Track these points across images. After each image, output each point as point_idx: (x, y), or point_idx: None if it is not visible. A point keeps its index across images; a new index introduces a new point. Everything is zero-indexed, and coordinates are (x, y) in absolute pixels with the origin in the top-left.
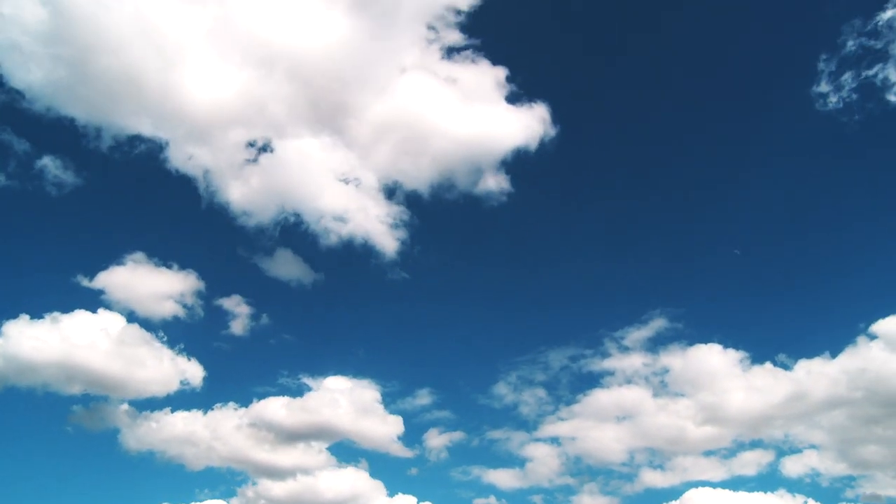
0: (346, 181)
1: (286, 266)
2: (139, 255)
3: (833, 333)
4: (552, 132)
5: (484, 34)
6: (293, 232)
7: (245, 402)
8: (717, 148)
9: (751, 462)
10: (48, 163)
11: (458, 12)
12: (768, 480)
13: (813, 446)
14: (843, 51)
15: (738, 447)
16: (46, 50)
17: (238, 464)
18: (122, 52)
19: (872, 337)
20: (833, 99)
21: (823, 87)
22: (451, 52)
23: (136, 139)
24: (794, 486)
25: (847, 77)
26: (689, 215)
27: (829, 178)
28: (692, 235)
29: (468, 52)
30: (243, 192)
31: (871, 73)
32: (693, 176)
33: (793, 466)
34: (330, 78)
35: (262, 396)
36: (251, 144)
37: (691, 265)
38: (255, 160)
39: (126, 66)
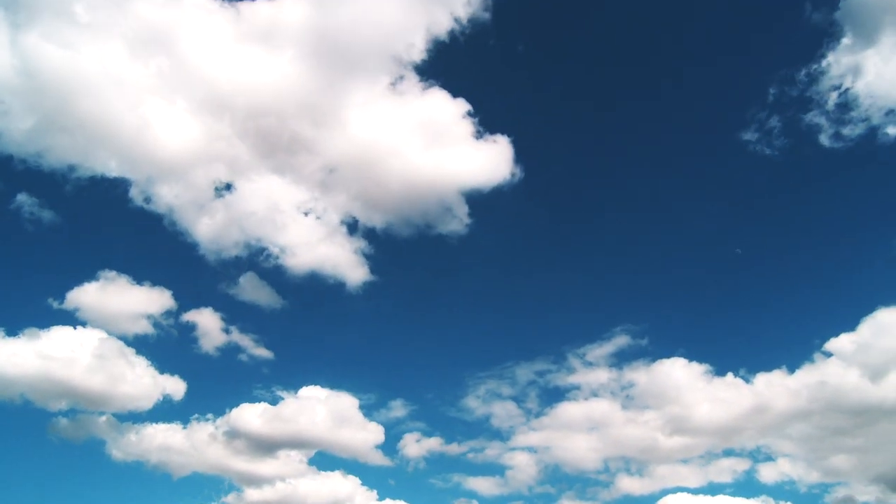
0: (307, 214)
1: (255, 293)
2: (112, 273)
3: (790, 350)
4: (512, 165)
5: (444, 71)
6: (260, 265)
7: (224, 414)
8: (670, 181)
9: (726, 469)
10: (24, 200)
11: (419, 49)
12: (745, 488)
13: (785, 455)
14: (769, 99)
15: (712, 456)
16: (18, 98)
17: (220, 472)
18: (90, 99)
19: (828, 354)
20: (764, 148)
21: (751, 135)
22: (410, 87)
23: (105, 180)
24: (770, 492)
25: (776, 122)
26: (646, 241)
27: (778, 210)
28: (649, 258)
29: (428, 89)
30: (209, 227)
31: (802, 118)
32: (651, 202)
33: (768, 474)
34: (289, 115)
35: (240, 408)
36: (214, 183)
37: (650, 285)
38: (219, 197)
39: (94, 112)
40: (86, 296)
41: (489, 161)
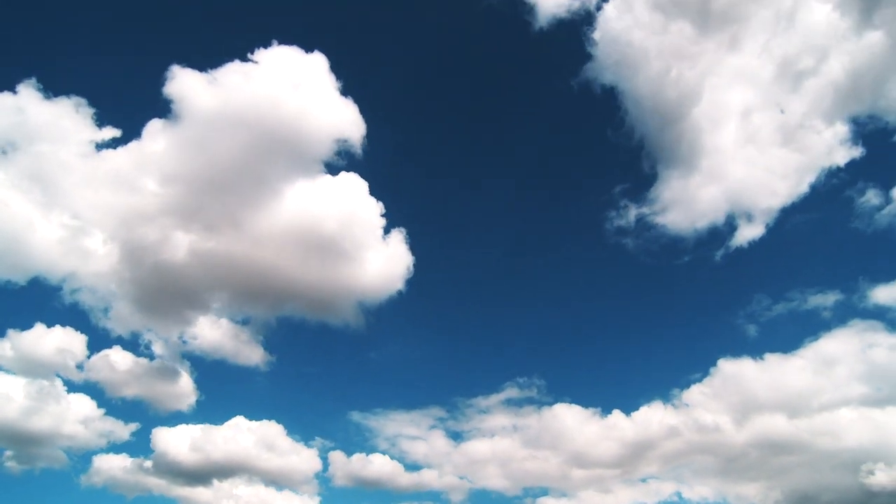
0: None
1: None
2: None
3: (659, 393)
4: (407, 255)
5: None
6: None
7: (154, 445)
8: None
9: (652, 492)
10: None
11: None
12: None
13: (699, 484)
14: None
15: (626, 482)
16: None
17: (166, 495)
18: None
19: (687, 404)
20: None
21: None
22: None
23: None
24: None
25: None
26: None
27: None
28: (532, 325)
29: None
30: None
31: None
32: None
33: (688, 496)
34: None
35: (170, 437)
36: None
37: (535, 347)
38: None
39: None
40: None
41: (380, 258)
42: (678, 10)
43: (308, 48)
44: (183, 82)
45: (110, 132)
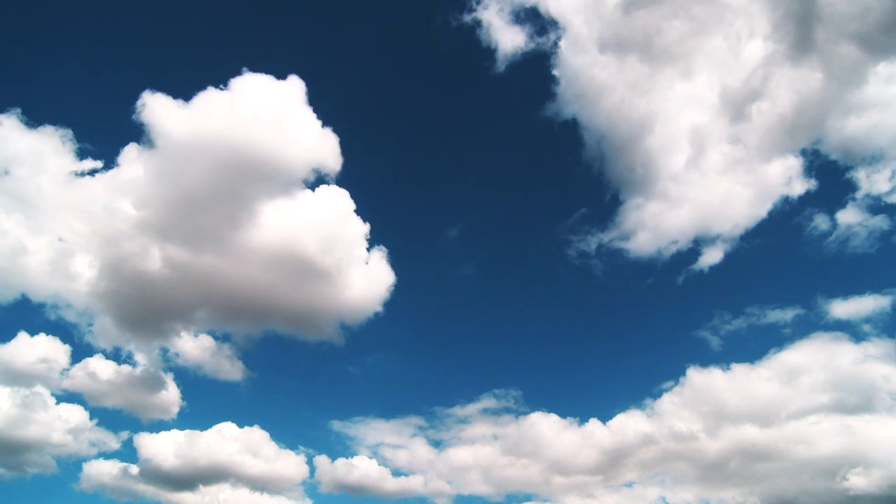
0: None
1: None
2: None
3: (634, 402)
4: (389, 272)
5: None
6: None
7: (140, 452)
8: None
9: (638, 496)
10: None
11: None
12: None
13: (680, 489)
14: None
15: (608, 488)
16: None
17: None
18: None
19: (658, 413)
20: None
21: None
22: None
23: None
24: None
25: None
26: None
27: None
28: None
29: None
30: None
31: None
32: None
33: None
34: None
35: (155, 444)
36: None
37: (513, 359)
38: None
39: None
40: None
41: (363, 276)
42: (626, 47)
43: (284, 75)
44: (159, 109)
45: (90, 163)
